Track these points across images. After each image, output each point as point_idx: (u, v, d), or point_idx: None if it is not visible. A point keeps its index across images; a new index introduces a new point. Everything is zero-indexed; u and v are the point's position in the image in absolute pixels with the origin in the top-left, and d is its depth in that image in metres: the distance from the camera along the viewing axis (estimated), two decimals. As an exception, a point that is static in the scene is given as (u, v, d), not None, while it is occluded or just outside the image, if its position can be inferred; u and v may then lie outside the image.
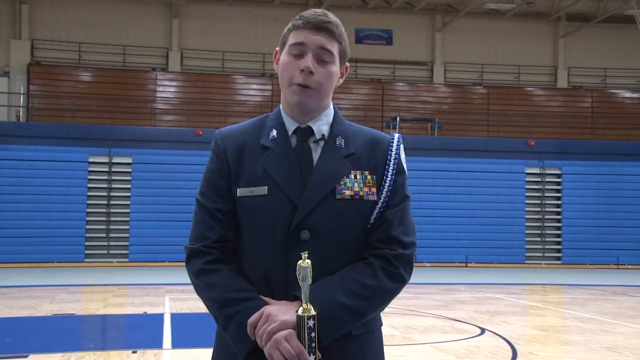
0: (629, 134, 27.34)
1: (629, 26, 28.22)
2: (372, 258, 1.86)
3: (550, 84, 29.73)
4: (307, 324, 1.70)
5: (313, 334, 1.71)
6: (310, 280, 1.70)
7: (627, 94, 29.69)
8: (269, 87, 27.12)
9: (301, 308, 1.71)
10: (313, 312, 1.70)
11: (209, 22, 27.37)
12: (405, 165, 1.98)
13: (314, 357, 1.71)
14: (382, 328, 2.01)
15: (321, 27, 1.88)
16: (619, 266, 24.71)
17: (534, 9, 28.71)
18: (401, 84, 28.55)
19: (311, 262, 1.71)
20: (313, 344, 1.71)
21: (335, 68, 1.93)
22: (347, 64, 2.01)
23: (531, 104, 28.60)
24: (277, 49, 1.97)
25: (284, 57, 1.92)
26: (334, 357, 1.81)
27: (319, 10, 1.93)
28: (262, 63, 27.19)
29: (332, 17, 1.93)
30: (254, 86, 27.67)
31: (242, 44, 27.30)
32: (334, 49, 1.91)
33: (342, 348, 1.84)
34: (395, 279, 1.87)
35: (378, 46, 28.45)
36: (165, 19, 27.31)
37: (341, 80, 1.99)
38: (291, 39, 1.90)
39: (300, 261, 1.70)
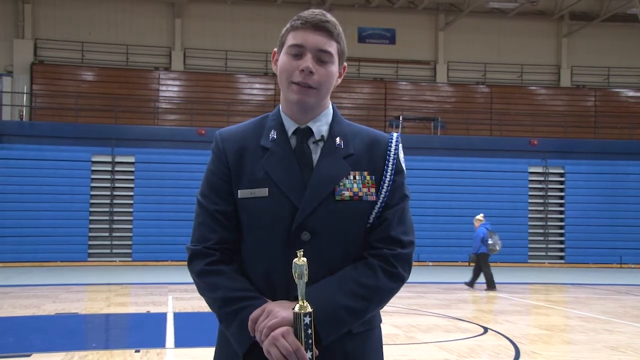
0: (632, 133, 27.31)
1: (632, 25, 28.19)
2: (371, 258, 1.87)
3: (553, 83, 29.69)
4: (304, 320, 1.71)
5: (310, 331, 1.72)
6: (306, 278, 1.71)
7: (631, 93, 29.65)
8: (272, 86, 27.13)
9: (297, 305, 1.72)
10: (309, 309, 1.72)
11: (211, 21, 27.39)
12: (404, 165, 1.98)
13: (311, 353, 1.72)
14: (385, 327, 2.02)
15: (319, 26, 1.89)
16: (622, 265, 24.67)
17: (536, 8, 28.68)
18: (404, 83, 28.54)
19: (311, 262, 1.72)
20: (310, 341, 1.72)
21: (335, 68, 1.93)
22: (345, 63, 2.01)
23: (534, 103, 28.59)
24: (276, 49, 1.98)
25: (282, 57, 1.92)
26: (334, 354, 1.83)
27: (317, 11, 1.93)
28: (264, 62, 27.20)
29: (330, 17, 1.93)
30: (257, 85, 27.69)
31: (245, 44, 27.32)
32: (333, 49, 1.91)
33: (343, 345, 1.85)
34: (394, 278, 1.87)
35: (381, 45, 28.44)
36: (168, 19, 27.33)
37: (339, 80, 1.99)
38: (290, 40, 1.91)
39: (295, 259, 1.71)
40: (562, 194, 25.95)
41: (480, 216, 15.78)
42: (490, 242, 15.02)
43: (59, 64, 26.01)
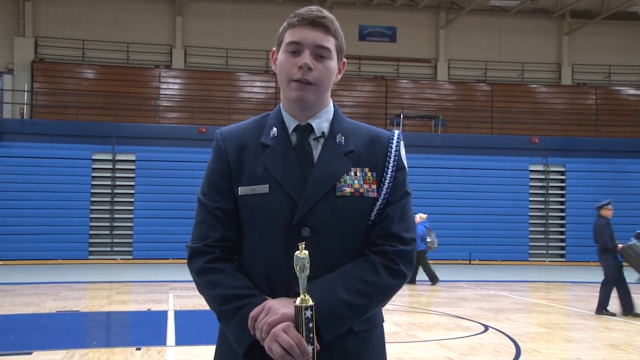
0: (632, 131, 27.29)
1: (634, 23, 28.15)
2: (372, 254, 1.87)
3: (554, 81, 29.67)
4: (305, 314, 1.70)
5: (311, 325, 1.70)
6: (308, 272, 1.70)
7: (632, 91, 29.61)
8: (273, 84, 27.09)
9: (299, 299, 1.71)
10: (311, 303, 1.70)
11: (212, 19, 27.37)
12: (405, 162, 1.98)
13: (312, 347, 1.71)
14: (386, 325, 2.01)
15: (316, 23, 1.89)
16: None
17: (537, 6, 28.64)
18: (405, 81, 28.52)
19: (312, 259, 1.71)
20: (311, 335, 1.71)
21: (333, 63, 1.93)
22: (345, 59, 2.00)
23: (535, 101, 28.55)
24: (274, 48, 1.99)
25: (281, 55, 1.93)
26: (335, 353, 1.82)
27: (313, 7, 1.94)
28: (265, 60, 27.17)
29: (326, 12, 1.94)
30: (258, 83, 27.66)
31: (246, 41, 27.29)
32: (330, 44, 1.91)
33: (344, 344, 1.84)
34: (396, 275, 1.87)
35: (382, 43, 28.42)
36: (168, 16, 27.31)
37: (339, 76, 1.99)
38: (287, 37, 1.91)
39: (297, 252, 1.71)
40: (562, 192, 25.93)
41: (423, 215, 16.19)
42: (428, 240, 15.62)
43: (59, 62, 26.00)
